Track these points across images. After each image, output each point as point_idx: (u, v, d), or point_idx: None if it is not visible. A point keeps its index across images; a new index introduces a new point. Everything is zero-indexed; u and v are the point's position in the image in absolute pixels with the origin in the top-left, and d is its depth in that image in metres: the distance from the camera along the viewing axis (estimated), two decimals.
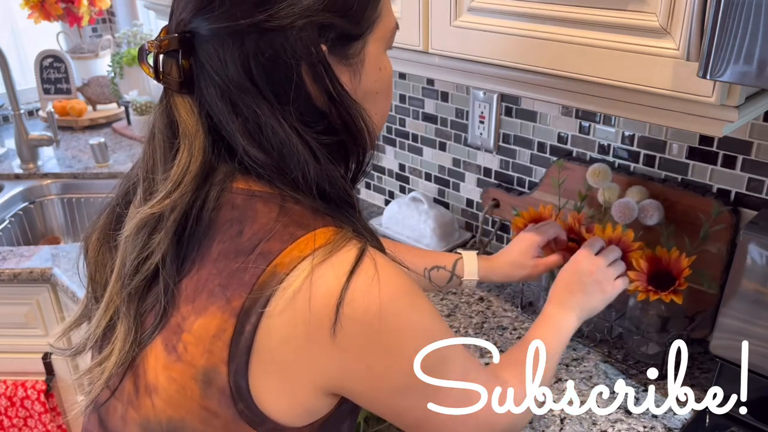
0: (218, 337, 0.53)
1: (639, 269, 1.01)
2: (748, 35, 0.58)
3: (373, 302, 0.53)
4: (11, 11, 2.25)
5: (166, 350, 0.56)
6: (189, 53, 0.56)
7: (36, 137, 1.92)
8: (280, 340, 0.53)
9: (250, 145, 0.55)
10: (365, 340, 0.53)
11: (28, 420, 1.60)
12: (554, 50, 0.79)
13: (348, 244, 0.54)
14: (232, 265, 0.54)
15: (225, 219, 0.56)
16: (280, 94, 0.55)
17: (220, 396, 0.54)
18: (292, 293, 0.52)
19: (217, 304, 0.53)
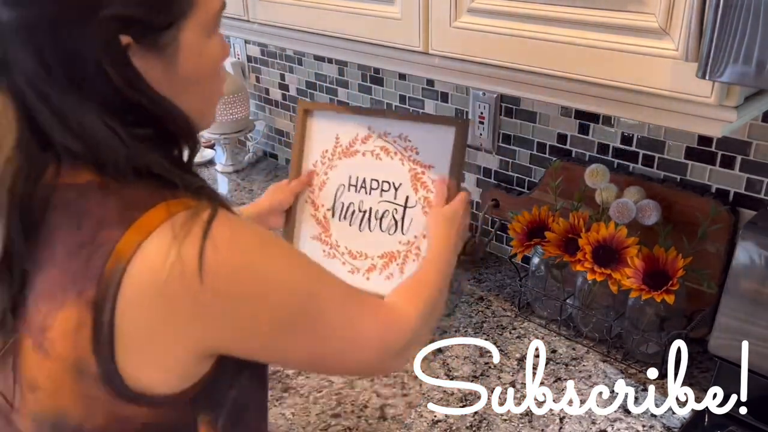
0: (79, 331, 0.53)
1: (634, 267, 1.01)
2: (747, 36, 0.59)
3: (226, 262, 0.54)
4: None
5: (36, 350, 0.56)
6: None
7: None
8: (140, 321, 0.53)
9: (62, 135, 0.55)
10: (225, 299, 0.55)
11: None
12: (554, 51, 0.79)
13: (189, 212, 0.54)
14: (78, 259, 0.54)
15: (64, 216, 0.56)
16: (82, 88, 0.54)
17: (94, 382, 0.55)
18: (139, 276, 0.52)
19: (71, 299, 0.54)
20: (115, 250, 0.52)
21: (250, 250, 0.57)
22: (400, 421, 0.99)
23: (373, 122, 1.15)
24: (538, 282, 1.22)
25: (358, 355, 0.68)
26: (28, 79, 0.54)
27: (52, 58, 0.53)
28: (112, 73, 0.54)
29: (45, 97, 0.54)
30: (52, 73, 0.53)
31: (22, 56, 0.53)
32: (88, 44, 0.53)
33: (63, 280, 0.54)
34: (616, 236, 1.04)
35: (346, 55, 1.10)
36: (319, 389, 1.06)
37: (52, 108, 0.54)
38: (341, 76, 1.68)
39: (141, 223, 0.53)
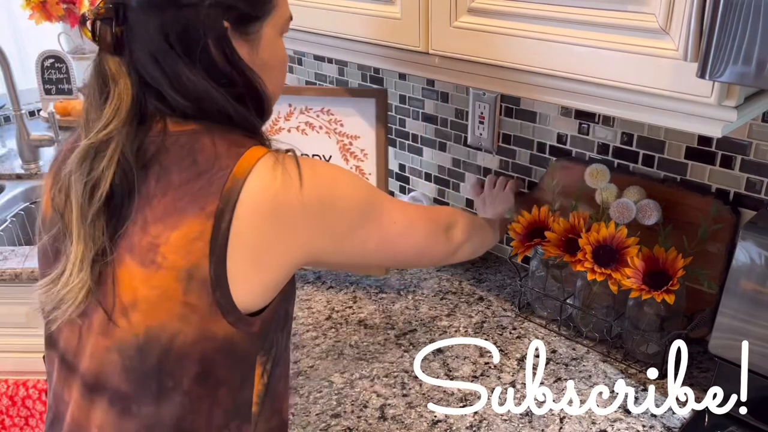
0: (199, 238, 0.65)
1: (634, 267, 1.01)
2: (747, 36, 0.59)
3: (315, 177, 0.69)
4: (12, 12, 2.25)
5: (143, 266, 0.66)
6: (120, 21, 0.68)
7: (37, 137, 1.92)
8: (251, 231, 0.65)
9: (174, 93, 0.69)
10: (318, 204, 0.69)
11: (30, 419, 1.61)
12: (554, 51, 0.79)
13: (278, 151, 0.70)
14: (197, 184, 0.66)
15: (177, 156, 0.68)
16: (191, 56, 0.69)
17: (200, 288, 0.65)
18: (252, 192, 0.65)
19: (192, 215, 0.65)
20: (233, 172, 0.66)
21: (328, 170, 0.74)
22: (400, 421, 0.99)
23: (293, 99, 1.16)
24: (538, 282, 1.22)
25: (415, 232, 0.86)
26: (151, 51, 0.68)
27: (173, 34, 0.68)
28: (214, 47, 0.69)
29: (164, 64, 0.68)
30: (172, 46, 0.68)
31: (147, 32, 0.67)
32: (200, 23, 0.68)
33: (181, 204, 0.66)
34: (616, 236, 1.04)
35: (346, 55, 1.10)
36: (319, 389, 1.06)
37: (167, 73, 0.68)
38: (341, 76, 1.68)
39: (248, 155, 0.67)
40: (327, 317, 1.26)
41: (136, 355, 0.66)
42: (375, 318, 1.25)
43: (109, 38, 0.68)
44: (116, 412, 0.68)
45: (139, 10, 0.67)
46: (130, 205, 0.68)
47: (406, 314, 1.26)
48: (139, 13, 0.68)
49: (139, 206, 0.67)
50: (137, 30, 0.68)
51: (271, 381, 0.75)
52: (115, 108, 0.68)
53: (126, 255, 0.67)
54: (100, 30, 0.69)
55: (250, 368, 0.72)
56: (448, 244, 0.95)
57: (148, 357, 0.66)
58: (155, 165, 0.68)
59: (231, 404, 0.71)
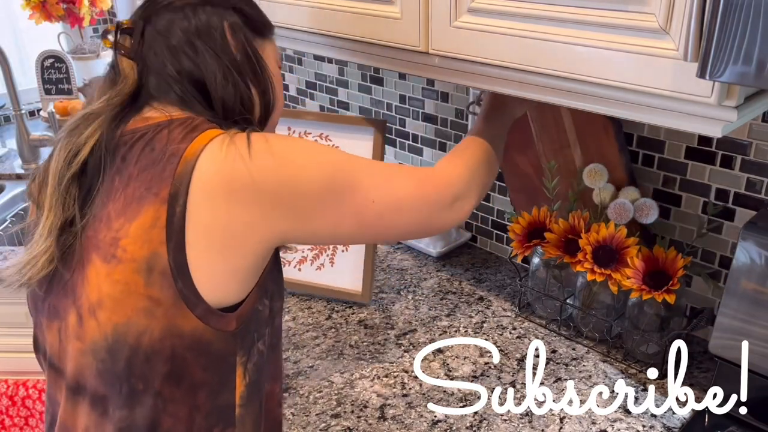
0: (154, 225, 0.63)
1: (634, 267, 1.01)
2: (747, 36, 0.59)
3: (266, 149, 0.66)
4: (12, 12, 2.25)
5: (105, 262, 0.65)
6: (140, 33, 0.73)
7: (37, 137, 1.92)
8: (207, 212, 0.64)
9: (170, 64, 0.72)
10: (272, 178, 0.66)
11: (29, 419, 1.61)
12: (554, 50, 0.79)
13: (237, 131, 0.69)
14: (152, 171, 0.66)
15: (138, 148, 0.68)
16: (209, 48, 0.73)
17: (162, 279, 0.63)
18: (203, 173, 0.64)
19: (148, 203, 0.64)
20: (184, 155, 0.65)
21: (286, 142, 0.70)
22: (400, 421, 0.99)
23: (293, 123, 1.16)
24: (538, 282, 1.22)
25: (402, 214, 0.76)
26: (161, 35, 0.72)
27: (197, 26, 0.73)
28: (232, 41, 0.74)
29: (178, 50, 0.72)
30: (189, 36, 0.72)
31: (171, 27, 0.72)
32: (217, 14, 0.74)
33: (138, 193, 0.65)
34: (615, 237, 1.04)
35: (346, 55, 1.10)
36: (319, 389, 1.06)
37: (172, 48, 0.72)
38: (341, 76, 1.68)
39: (201, 137, 0.66)
40: (327, 317, 1.26)
41: (108, 357, 0.65)
42: (375, 318, 1.25)
43: (128, 44, 0.74)
44: (97, 414, 0.68)
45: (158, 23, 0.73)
46: (98, 180, 0.69)
47: (406, 314, 1.26)
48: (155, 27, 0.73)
49: (104, 203, 0.67)
50: (161, 29, 0.73)
51: (255, 382, 0.72)
52: (118, 90, 0.72)
53: (93, 253, 0.66)
54: (120, 38, 0.74)
55: (230, 369, 0.69)
56: (451, 219, 0.83)
57: (118, 359, 0.65)
58: (118, 162, 0.69)
59: (211, 408, 0.68)
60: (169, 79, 0.72)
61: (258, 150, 0.66)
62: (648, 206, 1.06)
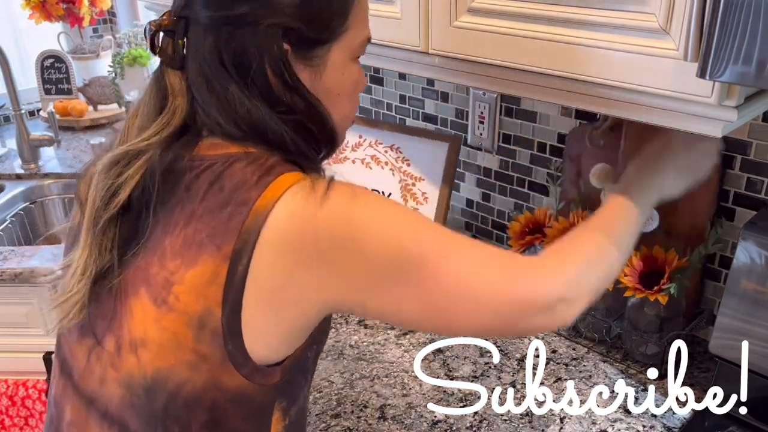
0: (212, 282, 0.59)
1: (631, 266, 1.01)
2: (748, 36, 0.59)
3: (339, 211, 0.59)
4: (12, 12, 2.25)
5: (155, 304, 0.61)
6: (182, 35, 0.65)
7: (37, 137, 1.92)
8: (269, 271, 0.59)
9: (223, 119, 0.64)
10: (339, 245, 0.59)
11: (29, 419, 1.61)
12: (554, 50, 0.79)
13: (315, 178, 0.62)
14: (218, 217, 0.60)
15: (205, 181, 0.63)
16: (246, 78, 0.64)
17: (211, 338, 0.60)
18: (273, 229, 0.58)
19: (208, 253, 0.59)
20: (255, 206, 0.59)
21: (367, 198, 0.62)
22: (400, 421, 0.99)
23: (365, 131, 1.13)
24: None
25: (480, 311, 0.63)
26: (203, 71, 0.64)
27: (227, 53, 0.63)
28: (271, 71, 0.64)
29: (215, 84, 0.64)
30: (225, 66, 0.63)
31: (202, 51, 0.64)
32: (257, 44, 0.63)
33: (199, 238, 0.60)
34: None
35: None
36: (319, 389, 1.06)
37: (218, 94, 0.64)
38: None
39: (276, 184, 0.60)
40: None
41: (144, 395, 0.62)
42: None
43: (171, 51, 0.65)
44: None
45: (198, 26, 0.64)
46: (145, 224, 0.63)
47: None
48: (198, 29, 0.64)
49: (161, 234, 0.63)
50: (195, 46, 0.65)
51: (295, 422, 0.70)
52: (166, 121, 0.65)
53: (142, 287, 0.62)
54: (162, 42, 0.66)
55: (268, 415, 0.66)
56: (547, 324, 0.67)
57: (156, 399, 0.62)
58: (182, 191, 0.63)
59: None
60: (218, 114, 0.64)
61: (333, 200, 0.59)
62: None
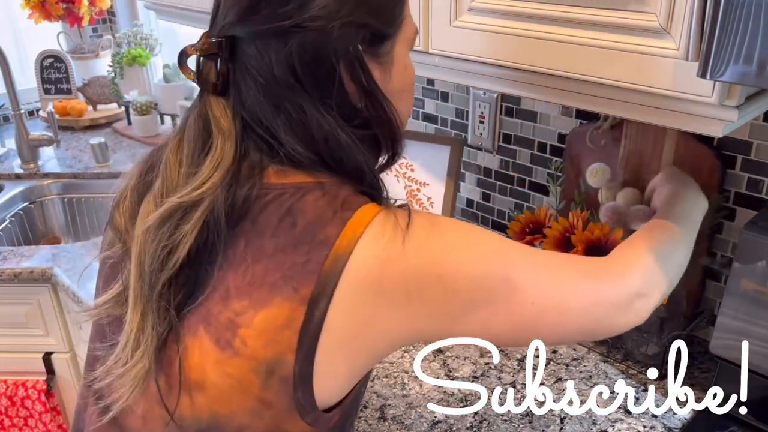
0: (287, 327, 0.55)
1: None
2: (748, 35, 0.58)
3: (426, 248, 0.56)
4: (12, 11, 2.25)
5: (218, 347, 0.56)
6: (229, 58, 0.59)
7: (36, 137, 1.92)
8: (349, 316, 0.55)
9: (294, 141, 0.58)
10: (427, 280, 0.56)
11: (29, 420, 1.61)
12: (554, 50, 0.79)
13: (391, 209, 0.58)
14: (293, 256, 0.55)
15: (274, 214, 0.58)
16: (322, 90, 0.58)
17: (280, 385, 0.56)
18: (357, 271, 0.55)
19: (283, 296, 0.55)
20: (335, 247, 0.55)
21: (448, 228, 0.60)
22: (400, 421, 0.99)
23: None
24: None
25: (568, 317, 0.64)
26: (269, 89, 0.57)
27: (300, 65, 0.57)
28: (347, 75, 0.58)
29: (286, 103, 0.57)
30: (299, 79, 0.57)
31: (266, 67, 0.57)
32: (332, 48, 0.57)
33: (273, 278, 0.55)
34: (610, 238, 1.04)
35: None
36: None
37: (290, 114, 0.57)
38: None
39: (355, 221, 0.56)
40: None
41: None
42: None
43: (214, 77, 0.59)
44: None
45: (255, 41, 0.57)
46: (209, 274, 0.58)
47: None
48: (253, 45, 0.57)
49: (222, 272, 0.57)
50: (252, 66, 0.58)
51: None
52: (216, 163, 0.58)
53: (200, 326, 0.57)
54: (204, 68, 0.59)
55: None
56: (627, 322, 0.70)
57: None
58: (247, 223, 0.58)
59: None
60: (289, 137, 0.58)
61: (416, 237, 0.56)
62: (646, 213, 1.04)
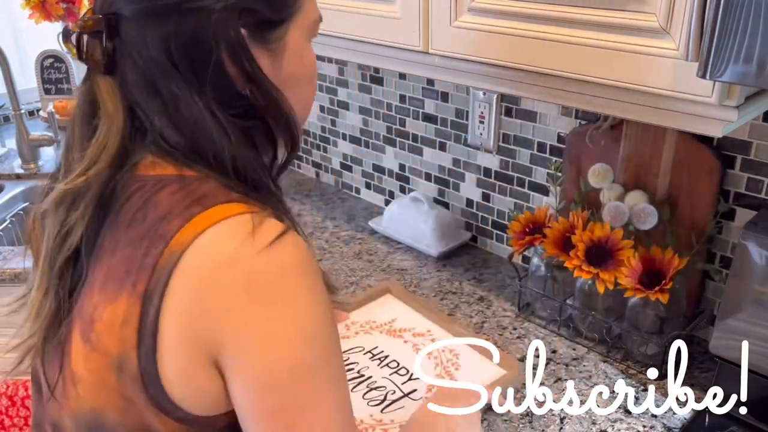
0: (126, 323, 0.54)
1: (630, 266, 1.01)
2: (748, 35, 0.59)
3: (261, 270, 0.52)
4: (12, 11, 2.25)
5: (83, 340, 0.57)
6: (112, 35, 0.57)
7: (37, 137, 1.92)
8: (180, 317, 0.53)
9: (166, 125, 0.57)
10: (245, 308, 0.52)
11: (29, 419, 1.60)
12: (554, 50, 0.79)
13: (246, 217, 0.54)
14: (137, 250, 0.54)
15: (133, 206, 0.57)
16: (199, 75, 0.56)
17: (132, 383, 0.54)
18: (188, 269, 0.52)
19: (125, 290, 0.54)
20: (171, 241, 0.53)
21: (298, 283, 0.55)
22: None
23: (434, 327, 1.14)
24: (537, 282, 1.21)
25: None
26: (146, 71, 0.56)
27: (177, 47, 0.55)
28: (229, 61, 0.56)
29: (160, 86, 0.56)
30: (175, 63, 0.55)
31: (144, 48, 0.55)
32: (211, 32, 0.55)
33: (119, 272, 0.55)
34: (611, 238, 1.04)
35: (346, 54, 1.10)
36: None
37: (164, 97, 0.56)
38: (341, 75, 1.67)
39: (199, 219, 0.53)
40: None
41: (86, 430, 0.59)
42: None
43: (99, 55, 0.57)
44: None
45: (135, 20, 0.56)
46: (88, 260, 0.58)
47: None
48: (134, 24, 0.56)
49: (94, 262, 0.58)
50: (131, 45, 0.56)
51: None
52: (100, 147, 0.57)
53: (77, 319, 0.58)
54: (88, 46, 0.57)
55: None
56: None
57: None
58: (113, 215, 0.58)
59: None
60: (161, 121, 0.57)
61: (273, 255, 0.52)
62: (647, 213, 1.05)
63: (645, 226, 1.05)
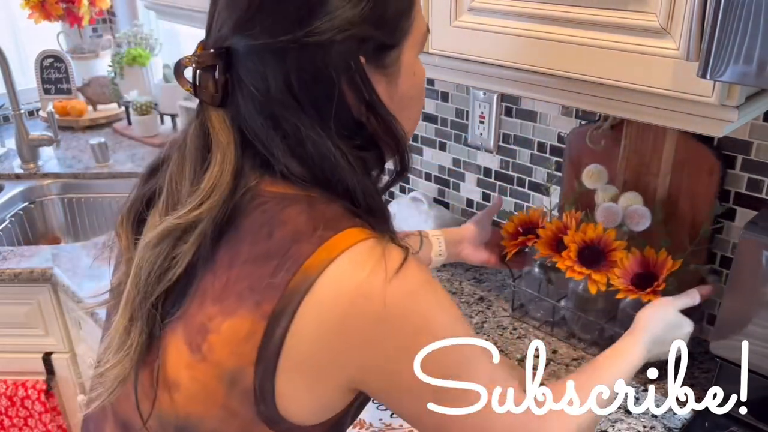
0: (247, 340, 0.54)
1: (623, 268, 1.01)
2: (748, 35, 0.59)
3: (396, 298, 0.53)
4: (12, 11, 2.25)
5: (189, 349, 0.57)
6: (226, 69, 0.57)
7: (36, 137, 1.92)
8: (310, 341, 0.54)
9: (290, 159, 0.56)
10: (385, 335, 0.54)
11: (29, 420, 1.61)
12: (554, 50, 0.79)
13: (385, 242, 0.56)
14: (262, 268, 0.54)
15: (256, 222, 0.57)
16: (320, 109, 0.56)
17: (243, 397, 0.55)
18: (321, 295, 0.53)
19: (246, 308, 0.54)
20: (304, 266, 0.53)
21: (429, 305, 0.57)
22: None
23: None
24: (532, 283, 1.21)
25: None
26: (266, 107, 0.55)
27: (298, 82, 0.54)
28: (349, 91, 0.56)
29: (283, 122, 0.55)
30: (297, 96, 0.55)
31: (263, 83, 0.55)
32: (333, 64, 0.55)
33: (239, 287, 0.55)
34: (603, 238, 1.04)
35: None
36: None
37: (287, 133, 0.56)
38: None
39: (332, 244, 0.53)
40: None
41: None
42: None
43: (212, 89, 0.57)
44: None
45: (252, 55, 0.55)
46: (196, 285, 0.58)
47: None
48: (249, 59, 0.55)
49: (204, 272, 0.58)
50: (249, 82, 0.56)
51: None
52: (215, 180, 0.56)
53: (179, 325, 0.58)
54: (201, 79, 0.57)
55: None
56: None
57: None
58: (231, 228, 0.57)
59: None
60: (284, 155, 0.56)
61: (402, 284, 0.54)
62: (640, 214, 1.04)
63: (638, 228, 1.05)
